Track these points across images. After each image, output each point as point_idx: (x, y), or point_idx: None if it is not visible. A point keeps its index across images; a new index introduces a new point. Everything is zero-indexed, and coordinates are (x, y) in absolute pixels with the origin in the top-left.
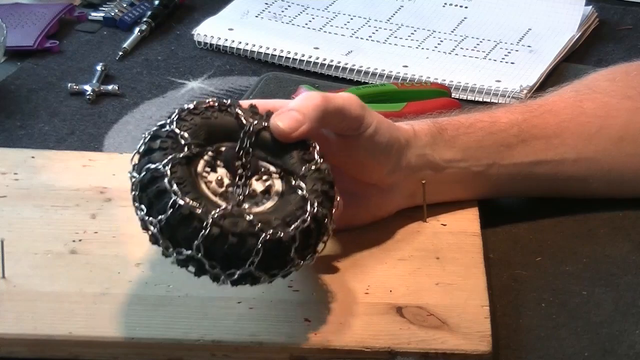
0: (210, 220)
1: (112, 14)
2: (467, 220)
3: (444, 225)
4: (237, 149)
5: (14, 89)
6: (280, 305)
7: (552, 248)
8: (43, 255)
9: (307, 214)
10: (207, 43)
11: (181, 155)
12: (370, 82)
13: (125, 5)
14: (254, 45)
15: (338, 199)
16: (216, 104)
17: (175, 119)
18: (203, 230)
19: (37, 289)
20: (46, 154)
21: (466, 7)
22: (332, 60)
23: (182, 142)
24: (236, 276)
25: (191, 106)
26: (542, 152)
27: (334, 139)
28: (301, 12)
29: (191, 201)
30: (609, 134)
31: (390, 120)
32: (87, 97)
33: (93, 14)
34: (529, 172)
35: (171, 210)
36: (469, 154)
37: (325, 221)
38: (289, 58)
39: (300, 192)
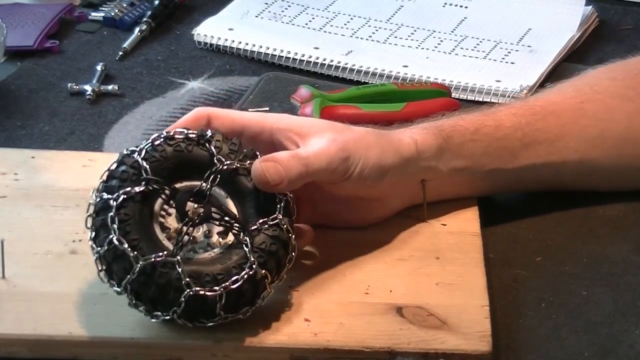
0: (139, 267)
1: (112, 14)
2: (467, 220)
3: (444, 225)
4: (194, 191)
5: (14, 89)
6: (280, 305)
7: (552, 248)
8: (43, 256)
9: (243, 273)
10: (207, 43)
11: (137, 190)
12: (370, 82)
13: (125, 5)
14: (254, 45)
15: (294, 254)
16: (196, 136)
17: (147, 147)
18: (130, 274)
19: (37, 289)
20: (46, 154)
21: (466, 7)
22: (332, 60)
23: (143, 175)
24: (160, 319)
25: (169, 134)
26: (546, 156)
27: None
28: (301, 12)
29: (126, 242)
30: (611, 137)
31: (391, 127)
32: (87, 97)
33: (93, 14)
34: (531, 174)
35: (107, 246)
36: (474, 160)
37: (265, 281)
38: (289, 58)
39: (245, 248)
